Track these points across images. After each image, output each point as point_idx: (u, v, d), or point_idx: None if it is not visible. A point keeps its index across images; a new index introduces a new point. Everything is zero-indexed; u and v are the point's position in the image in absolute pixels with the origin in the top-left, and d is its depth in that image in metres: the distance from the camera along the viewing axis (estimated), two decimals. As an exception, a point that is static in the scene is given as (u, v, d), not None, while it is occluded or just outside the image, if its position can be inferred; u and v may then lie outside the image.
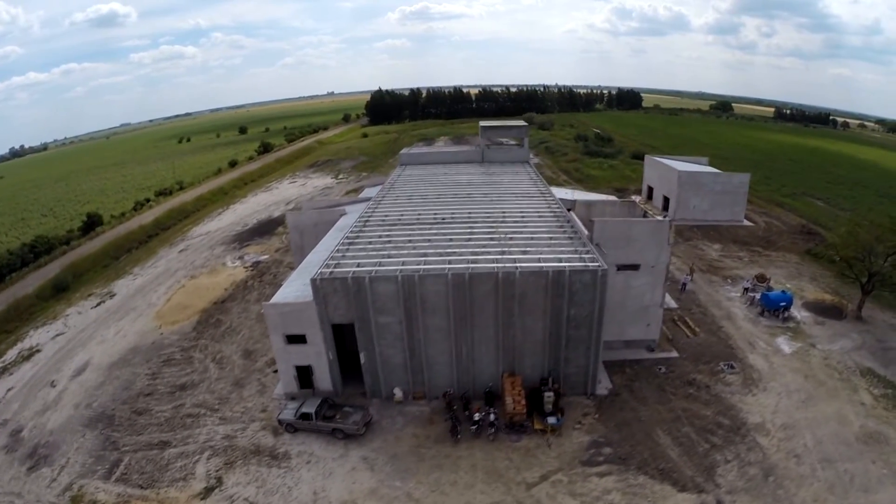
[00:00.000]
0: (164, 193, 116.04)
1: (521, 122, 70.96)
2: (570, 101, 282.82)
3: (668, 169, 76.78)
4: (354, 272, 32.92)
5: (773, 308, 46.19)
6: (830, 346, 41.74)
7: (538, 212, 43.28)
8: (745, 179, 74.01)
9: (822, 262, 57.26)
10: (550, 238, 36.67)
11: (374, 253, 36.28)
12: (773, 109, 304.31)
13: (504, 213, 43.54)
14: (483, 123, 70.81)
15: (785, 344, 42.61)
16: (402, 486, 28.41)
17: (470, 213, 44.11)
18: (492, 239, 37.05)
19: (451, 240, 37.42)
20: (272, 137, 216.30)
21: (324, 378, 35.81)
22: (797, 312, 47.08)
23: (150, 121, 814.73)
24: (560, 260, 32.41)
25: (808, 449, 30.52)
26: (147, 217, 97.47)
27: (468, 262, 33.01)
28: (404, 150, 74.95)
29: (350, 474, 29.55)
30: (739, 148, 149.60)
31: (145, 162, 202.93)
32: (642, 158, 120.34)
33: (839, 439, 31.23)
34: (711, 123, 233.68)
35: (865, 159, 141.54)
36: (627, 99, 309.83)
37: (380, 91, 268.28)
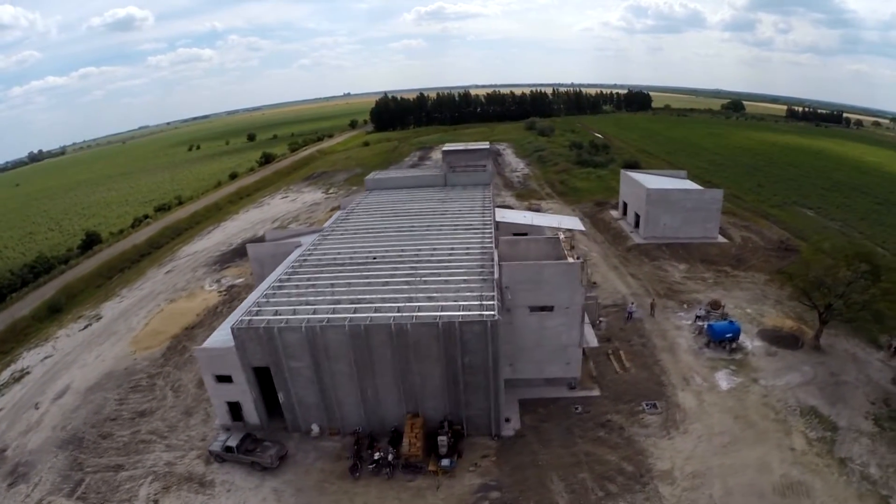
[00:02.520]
0: (163, 209, 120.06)
1: (484, 146, 72.29)
2: (576, 103, 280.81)
3: (639, 186, 76.21)
4: (269, 321, 35.46)
5: (719, 339, 44.66)
6: (775, 382, 40.34)
7: (467, 248, 44.74)
8: (718, 196, 72.87)
9: (791, 283, 56.31)
10: (464, 281, 38.23)
11: (295, 299, 38.72)
12: (785, 108, 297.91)
13: (434, 250, 45.26)
14: (445, 148, 72.75)
15: (724, 379, 41.18)
16: None
17: (403, 250, 46.00)
18: (407, 283, 38.84)
19: (369, 284, 39.46)
20: (279, 144, 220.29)
21: (251, 413, 38.57)
22: (749, 342, 45.80)
23: (168, 123, 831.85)
24: (461, 308, 34.15)
25: (713, 501, 29.39)
26: (142, 235, 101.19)
27: (374, 310, 35.14)
28: (370, 176, 76.96)
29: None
30: (740, 152, 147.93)
31: (154, 171, 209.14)
32: (634, 167, 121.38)
33: (752, 490, 29.92)
34: (719, 125, 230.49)
35: (871, 162, 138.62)
36: (636, 100, 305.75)
37: (385, 97, 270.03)
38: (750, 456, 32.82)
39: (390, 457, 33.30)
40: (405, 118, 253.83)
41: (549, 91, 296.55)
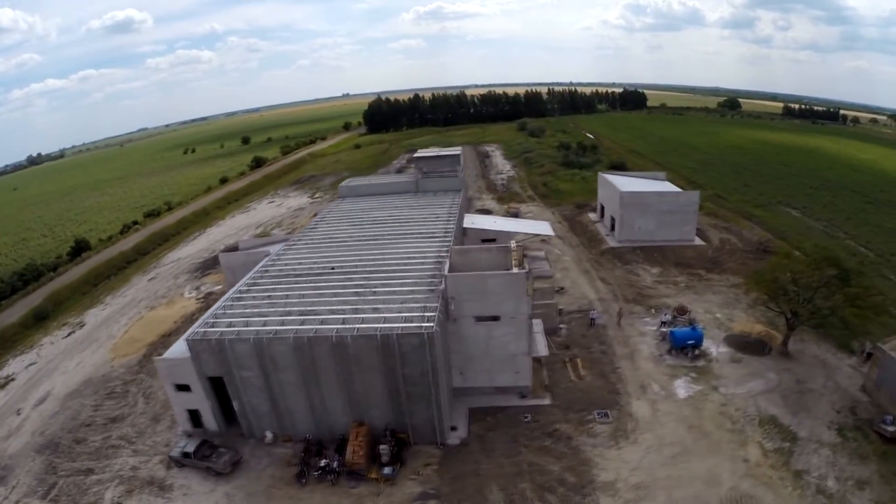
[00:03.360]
0: (153, 214, 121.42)
1: (455, 152, 73.00)
2: (571, 103, 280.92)
3: (614, 188, 76.40)
4: (222, 332, 36.76)
5: (681, 346, 44.17)
6: (736, 390, 39.72)
7: (423, 257, 45.73)
8: (695, 198, 73.01)
9: (757, 288, 52.10)
10: (411, 291, 39.24)
11: (250, 311, 39.97)
12: (782, 105, 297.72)
13: (391, 259, 46.41)
14: (417, 154, 73.55)
15: (682, 387, 40.72)
16: None
17: (360, 260, 47.21)
18: (356, 294, 39.94)
19: (321, 295, 40.63)
20: (272, 147, 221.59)
21: (210, 420, 40.00)
22: (714, 348, 45.35)
23: (167, 125, 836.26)
24: (402, 319, 35.19)
25: (656, 514, 29.27)
26: (130, 241, 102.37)
27: (320, 321, 36.32)
28: (344, 183, 78.11)
29: None
30: (731, 151, 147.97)
31: (148, 175, 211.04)
32: (621, 168, 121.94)
33: (698, 503, 29.66)
34: (713, 123, 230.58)
35: (863, 159, 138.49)
36: (631, 99, 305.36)
37: (378, 99, 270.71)
38: (699, 467, 32.43)
39: (335, 464, 34.39)
40: (398, 120, 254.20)
41: (544, 90, 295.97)
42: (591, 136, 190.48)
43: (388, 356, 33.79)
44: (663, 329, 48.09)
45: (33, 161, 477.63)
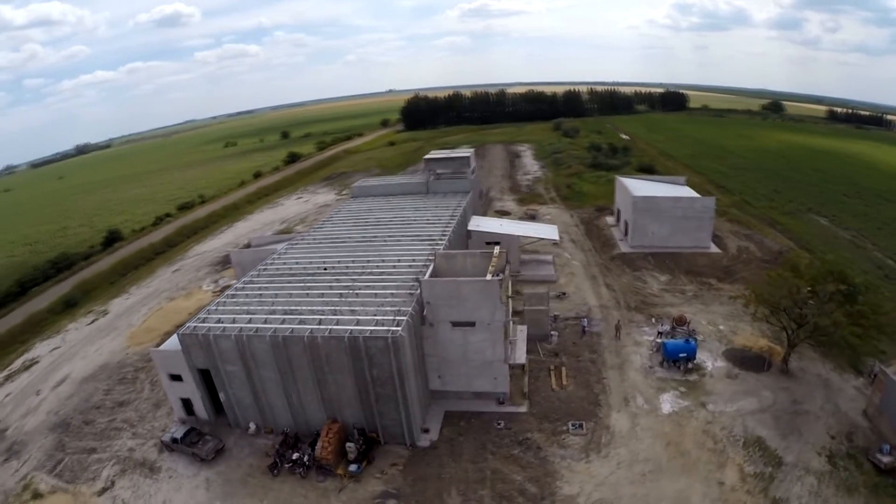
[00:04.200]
0: (185, 207, 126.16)
1: (465, 154, 73.32)
2: (609, 103, 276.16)
3: (628, 192, 75.05)
4: (210, 328, 38.66)
5: (672, 359, 43.22)
6: (725, 407, 38.39)
7: (412, 260, 46.57)
8: (710, 204, 71.10)
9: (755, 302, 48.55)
10: (392, 295, 40.14)
11: (240, 307, 41.83)
12: (826, 109, 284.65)
13: (382, 261, 47.51)
14: (428, 156, 74.33)
15: (668, 402, 39.70)
16: None
17: (353, 261, 48.50)
18: (340, 295, 41.11)
19: (307, 295, 42.09)
20: (310, 142, 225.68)
21: (200, 409, 42.17)
22: (711, 362, 44.18)
23: (213, 117, 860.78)
24: (375, 322, 36.18)
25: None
26: (161, 234, 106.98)
27: (298, 321, 37.75)
28: (357, 183, 79.61)
29: (192, 490, 35.97)
30: (767, 155, 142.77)
31: (188, 167, 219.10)
32: (649, 171, 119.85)
33: None
34: (752, 126, 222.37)
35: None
36: (672, 100, 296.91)
37: (416, 96, 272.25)
38: (669, 488, 31.50)
39: (306, 458, 35.77)
40: (436, 118, 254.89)
41: (585, 90, 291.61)
42: (625, 137, 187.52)
43: (356, 358, 34.87)
44: (658, 340, 47.30)
45: (81, 150, 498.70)
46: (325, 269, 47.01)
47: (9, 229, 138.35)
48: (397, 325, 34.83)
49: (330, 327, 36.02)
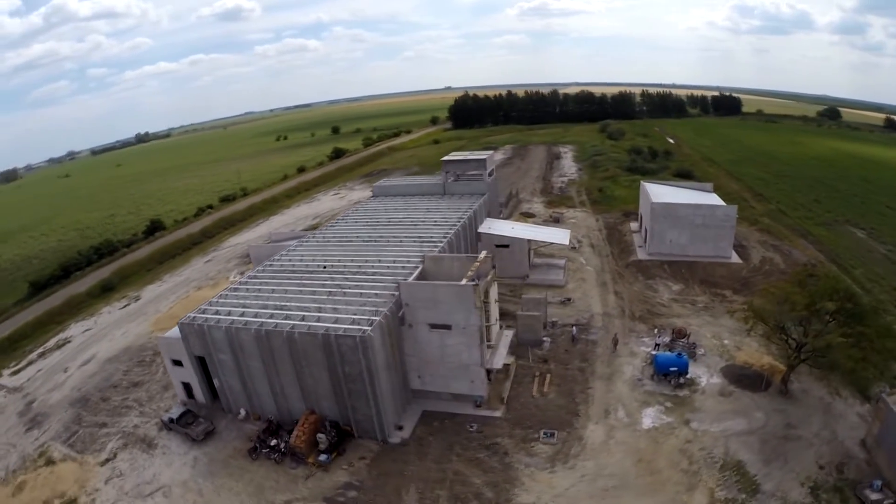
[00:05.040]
0: (228, 199, 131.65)
1: (482, 156, 73.75)
2: (661, 106, 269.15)
3: (649, 198, 73.60)
4: (207, 319, 41.25)
5: (663, 372, 42.33)
6: (710, 426, 37.17)
7: (406, 261, 47.58)
8: (732, 212, 68.59)
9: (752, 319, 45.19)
10: (376, 295, 41.41)
11: (240, 301, 44.20)
12: (884, 117, 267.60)
13: (378, 261, 48.93)
14: (445, 158, 75.23)
15: (651, 416, 38.82)
16: (202, 483, 37.01)
17: (352, 260, 50.18)
18: (329, 293, 42.82)
19: (300, 292, 44.05)
20: (358, 138, 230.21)
21: (198, 393, 45.09)
22: (706, 378, 42.94)
23: (271, 110, 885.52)
24: (352, 321, 37.64)
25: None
26: (200, 225, 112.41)
27: (284, 316, 39.89)
28: (378, 183, 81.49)
29: (180, 467, 38.86)
30: (814, 162, 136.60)
31: (238, 160, 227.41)
32: (687, 176, 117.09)
33: None
34: (804, 133, 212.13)
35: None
36: (725, 104, 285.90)
37: (465, 95, 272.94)
38: None
39: (283, 445, 37.80)
40: (483, 117, 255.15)
41: (638, 91, 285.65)
42: (671, 140, 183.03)
43: (329, 354, 36.52)
44: (653, 352, 46.41)
45: (141, 139, 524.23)
46: (325, 267, 48.82)
47: (63, 214, 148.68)
48: (368, 325, 36.05)
49: (309, 324, 37.83)
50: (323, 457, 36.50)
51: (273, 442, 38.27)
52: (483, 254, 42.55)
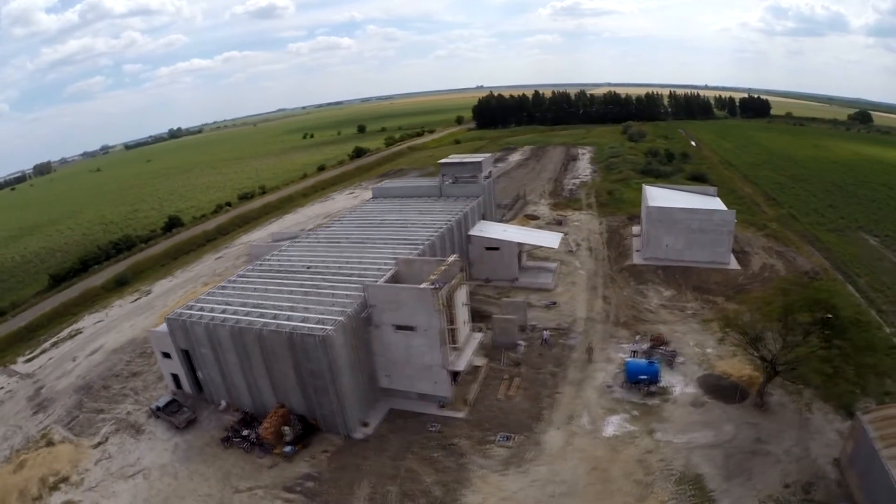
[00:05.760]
0: (246, 197, 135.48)
1: (477, 159, 74.43)
2: (686, 107, 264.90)
3: (647, 202, 73.13)
4: (191, 315, 43.95)
5: (633, 380, 42.06)
6: (674, 437, 36.60)
7: (383, 263, 49.01)
8: (730, 217, 67.10)
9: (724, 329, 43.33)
10: (347, 296, 43.13)
11: (225, 299, 46.56)
12: None
13: (359, 262, 50.78)
14: (442, 161, 76.54)
15: (615, 424, 38.62)
16: (178, 468, 39.65)
17: (335, 261, 52.15)
18: (305, 293, 44.79)
19: (280, 291, 46.22)
20: (383, 137, 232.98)
21: (185, 384, 47.63)
22: (680, 387, 42.46)
23: (303, 107, 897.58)
24: (319, 320, 39.45)
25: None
26: (215, 222, 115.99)
27: (259, 314, 42.04)
28: (378, 185, 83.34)
29: (161, 452, 41.65)
30: (836, 167, 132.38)
31: (262, 157, 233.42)
32: (701, 180, 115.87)
33: None
34: (833, 136, 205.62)
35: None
36: (753, 106, 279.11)
37: (489, 95, 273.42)
38: None
39: (253, 436, 40.04)
40: (507, 117, 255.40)
41: (665, 93, 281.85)
42: (693, 143, 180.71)
43: (294, 352, 38.56)
44: (629, 359, 45.86)
45: (173, 134, 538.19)
46: (308, 267, 50.86)
47: (90, 208, 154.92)
48: (332, 325, 37.91)
49: (278, 322, 39.87)
50: (287, 448, 38.51)
51: (245, 432, 40.60)
52: (452, 258, 43.77)
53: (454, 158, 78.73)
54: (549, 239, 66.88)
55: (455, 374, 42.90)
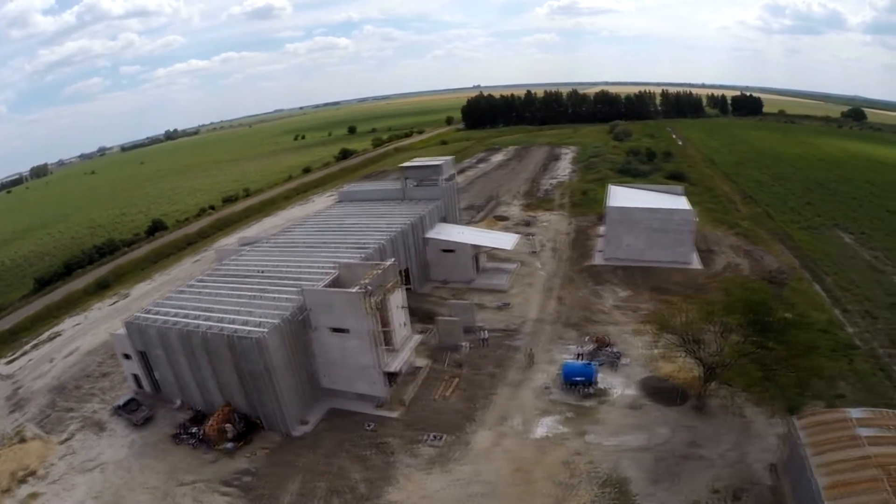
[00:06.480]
0: (230, 200, 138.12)
1: (438, 162, 76.41)
2: (676, 106, 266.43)
3: (608, 201, 74.02)
4: (146, 318, 46.72)
5: (568, 381, 42.54)
6: (605, 440, 36.79)
7: (330, 266, 50.82)
8: (689, 216, 67.80)
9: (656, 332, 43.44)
10: (289, 300, 45.45)
11: (179, 302, 49.11)
12: None
13: (308, 267, 52.95)
14: (404, 164, 78.84)
15: (546, 426, 39.14)
16: (132, 462, 42.25)
17: (287, 266, 54.55)
18: (252, 297, 47.34)
19: (229, 296, 48.66)
20: (369, 138, 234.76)
21: (145, 383, 50.48)
22: (620, 389, 42.63)
23: (301, 108, 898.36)
24: (259, 323, 41.95)
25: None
26: (197, 225, 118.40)
27: (206, 318, 44.53)
28: (343, 188, 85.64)
29: (119, 448, 44.29)
30: (820, 164, 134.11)
31: (253, 159, 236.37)
32: (678, 178, 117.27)
33: None
34: (823, 133, 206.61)
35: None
36: (745, 104, 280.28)
37: (478, 96, 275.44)
38: None
39: (200, 433, 42.58)
40: (495, 117, 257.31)
41: (658, 91, 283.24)
42: (679, 141, 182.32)
43: (234, 353, 41.11)
44: (569, 360, 46.36)
45: (170, 136, 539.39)
46: (261, 272, 53.35)
47: (81, 212, 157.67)
48: (265, 328, 40.48)
49: (222, 325, 42.45)
50: (229, 445, 41.12)
51: (194, 429, 43.28)
52: (388, 262, 46.02)
53: (416, 162, 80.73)
54: (504, 240, 68.92)
55: (392, 375, 45.01)
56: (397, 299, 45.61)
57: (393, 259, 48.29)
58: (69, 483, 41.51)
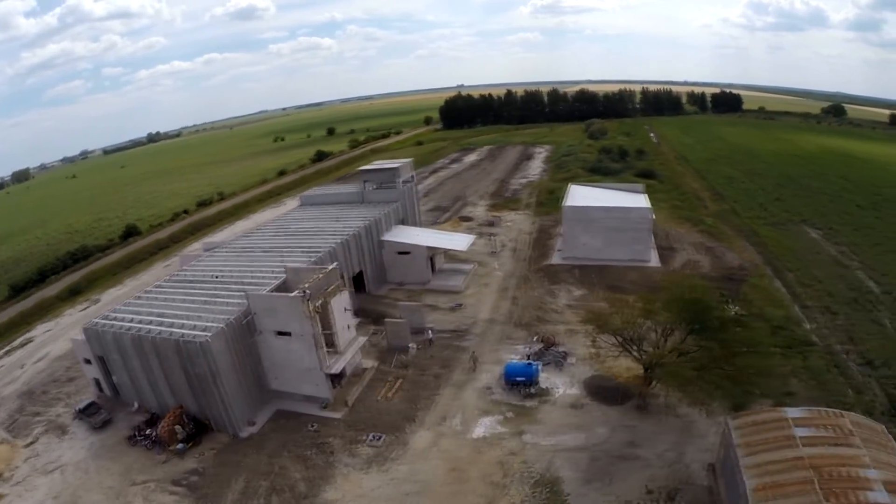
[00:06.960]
0: (204, 204, 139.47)
1: (395, 165, 78.32)
2: (654, 104, 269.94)
3: (565, 200, 75.19)
4: (104, 324, 48.47)
5: (510, 381, 43.13)
6: (542, 440, 37.39)
7: (281, 271, 52.11)
8: (647, 214, 68.59)
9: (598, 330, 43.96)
10: (236, 304, 47.35)
11: (136, 308, 51.01)
12: (888, 114, 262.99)
13: (259, 272, 54.82)
14: (361, 168, 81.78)
15: (485, 426, 39.82)
16: (90, 464, 43.77)
17: (240, 270, 56.52)
18: (204, 301, 49.53)
19: (184, 301, 50.61)
20: (345, 140, 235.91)
21: (105, 387, 52.45)
22: (562, 388, 43.21)
23: (284, 109, 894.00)
24: (205, 328, 44.09)
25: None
26: (169, 231, 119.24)
27: (158, 322, 46.55)
28: (306, 192, 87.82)
29: (79, 450, 45.72)
30: (795, 160, 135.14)
31: (231, 162, 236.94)
32: (648, 176, 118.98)
33: None
34: (801, 130, 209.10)
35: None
36: (724, 101, 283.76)
37: (456, 96, 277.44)
38: None
39: (154, 434, 44.74)
40: (473, 117, 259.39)
41: (638, 89, 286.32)
42: (654, 139, 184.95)
43: (181, 357, 43.26)
44: (522, 361, 46.38)
45: (152, 138, 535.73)
46: (216, 277, 55.53)
47: (58, 217, 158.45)
48: (210, 332, 42.70)
49: (171, 330, 44.54)
50: (179, 446, 43.20)
51: (148, 431, 45.46)
52: (331, 266, 48.34)
53: (374, 165, 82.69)
54: (459, 242, 71.05)
55: (337, 377, 47.02)
56: (342, 302, 47.75)
57: (336, 263, 50.50)
58: (31, 484, 43.33)
